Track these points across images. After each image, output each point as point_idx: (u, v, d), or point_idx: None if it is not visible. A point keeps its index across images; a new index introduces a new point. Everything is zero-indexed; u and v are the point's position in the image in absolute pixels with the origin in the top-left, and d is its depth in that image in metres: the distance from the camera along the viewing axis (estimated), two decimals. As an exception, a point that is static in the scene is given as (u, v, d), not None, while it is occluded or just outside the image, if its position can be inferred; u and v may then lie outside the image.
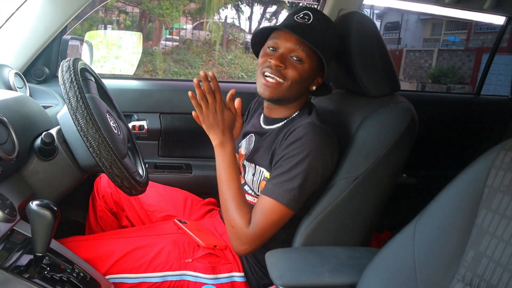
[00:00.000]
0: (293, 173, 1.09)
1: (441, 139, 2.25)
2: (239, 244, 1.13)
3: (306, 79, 1.17)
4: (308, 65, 1.15)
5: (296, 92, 1.19)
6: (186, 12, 9.24)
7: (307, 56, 1.14)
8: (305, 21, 1.15)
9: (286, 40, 1.15)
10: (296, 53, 1.14)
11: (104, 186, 1.50)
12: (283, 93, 1.17)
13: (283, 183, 1.10)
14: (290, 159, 1.10)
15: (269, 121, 1.28)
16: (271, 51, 1.17)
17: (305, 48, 1.13)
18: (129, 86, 1.89)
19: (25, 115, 1.20)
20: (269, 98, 1.18)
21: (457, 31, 11.00)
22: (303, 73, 1.15)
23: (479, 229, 0.79)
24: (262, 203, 1.12)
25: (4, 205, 0.97)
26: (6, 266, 0.87)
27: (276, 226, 1.12)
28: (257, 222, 1.10)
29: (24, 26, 1.52)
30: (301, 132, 1.11)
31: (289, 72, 1.14)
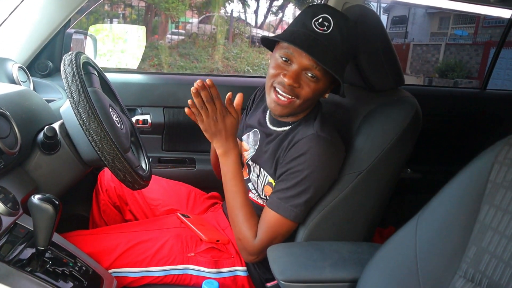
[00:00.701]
0: (298, 189, 1.09)
1: (446, 134, 2.23)
2: (246, 254, 1.16)
3: (320, 94, 1.13)
4: (323, 82, 1.10)
5: (309, 106, 1.17)
6: (192, 6, 9.21)
7: (323, 75, 1.07)
8: (324, 29, 1.05)
9: (302, 56, 1.06)
10: (312, 71, 1.07)
11: (107, 180, 1.50)
12: (295, 110, 1.13)
13: (289, 199, 1.10)
14: (295, 174, 1.09)
15: (275, 122, 1.24)
16: (284, 63, 1.09)
17: (322, 67, 1.05)
18: (132, 80, 1.89)
19: (28, 109, 1.20)
20: (280, 115, 1.15)
21: (465, 25, 10.88)
22: (317, 90, 1.10)
23: (481, 225, 0.78)
24: (268, 217, 1.13)
25: (7, 199, 0.97)
26: (9, 259, 0.87)
27: (282, 238, 1.14)
28: (263, 235, 1.12)
29: (28, 20, 1.52)
30: (305, 146, 1.09)
31: (303, 91, 1.09)
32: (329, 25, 1.05)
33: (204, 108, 1.08)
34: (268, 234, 1.12)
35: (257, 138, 1.30)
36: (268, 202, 1.14)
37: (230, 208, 1.17)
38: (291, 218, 1.11)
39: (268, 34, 9.64)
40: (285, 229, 1.13)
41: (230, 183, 1.16)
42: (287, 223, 1.12)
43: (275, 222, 1.12)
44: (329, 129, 1.14)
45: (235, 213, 1.16)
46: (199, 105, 1.07)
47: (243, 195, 1.16)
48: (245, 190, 1.17)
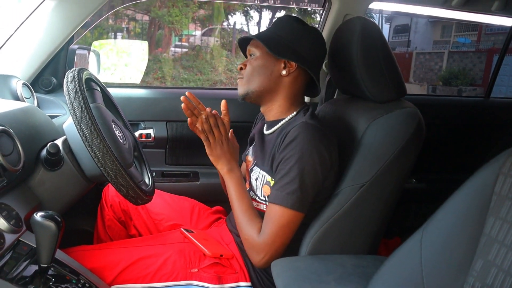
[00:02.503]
0: (291, 175, 1.10)
1: (450, 143, 2.22)
2: (254, 254, 1.15)
3: (261, 67, 1.24)
4: (259, 54, 1.25)
5: (260, 82, 1.25)
6: (195, 18, 9.30)
7: (255, 48, 1.25)
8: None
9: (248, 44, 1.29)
10: (250, 52, 1.27)
11: (112, 195, 1.50)
12: (246, 88, 1.26)
13: (284, 186, 1.11)
14: (286, 161, 1.11)
15: (269, 125, 1.31)
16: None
17: (254, 43, 1.26)
18: (135, 95, 1.90)
19: (31, 125, 1.21)
20: (241, 95, 1.28)
21: (468, 33, 10.91)
22: (256, 63, 1.25)
23: (487, 238, 0.77)
24: (270, 211, 1.14)
25: (10, 216, 0.97)
26: (12, 276, 0.87)
27: (287, 231, 1.12)
28: (266, 229, 1.12)
29: (31, 37, 1.54)
30: (294, 133, 1.13)
31: (247, 68, 1.26)
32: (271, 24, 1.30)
33: (211, 133, 1.21)
34: (271, 227, 1.12)
35: (255, 147, 1.34)
36: (269, 197, 1.15)
37: (236, 215, 1.21)
38: (288, 206, 1.10)
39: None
40: (286, 220, 1.11)
41: (235, 193, 1.21)
42: (287, 213, 1.11)
43: (275, 214, 1.12)
44: (320, 121, 1.20)
45: (240, 217, 1.19)
46: (207, 129, 1.21)
47: (247, 200, 1.21)
48: (249, 197, 1.23)
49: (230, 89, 2.49)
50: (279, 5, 8.42)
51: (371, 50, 1.23)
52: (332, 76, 1.42)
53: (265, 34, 1.26)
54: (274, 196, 1.13)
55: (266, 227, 1.13)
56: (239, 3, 9.22)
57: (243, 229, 1.17)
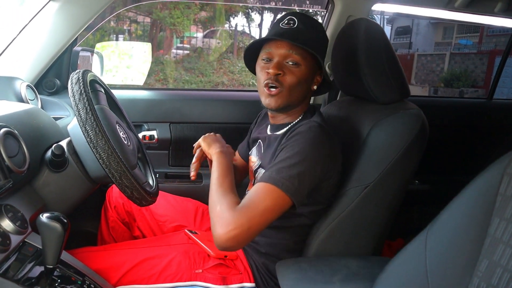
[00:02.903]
0: (291, 161, 1.04)
1: (453, 144, 2.22)
2: (220, 226, 0.97)
3: (305, 81, 1.18)
4: (305, 66, 1.16)
5: (299, 95, 1.20)
6: (196, 20, 9.32)
7: (302, 58, 1.15)
8: (291, 26, 1.16)
9: (278, 47, 1.16)
10: (291, 58, 1.15)
11: (116, 196, 1.51)
12: (287, 100, 1.17)
13: (280, 170, 1.03)
14: (288, 148, 1.08)
15: (274, 128, 1.29)
16: (266, 63, 1.18)
17: (299, 51, 1.15)
18: (139, 96, 1.91)
19: (36, 127, 1.21)
20: (276, 108, 1.18)
21: (469, 34, 10.90)
22: (301, 75, 1.16)
23: (492, 238, 0.77)
24: (257, 188, 1.03)
25: (16, 217, 0.97)
26: (18, 278, 0.88)
27: (268, 213, 0.99)
28: (246, 202, 1.00)
29: (35, 39, 1.55)
30: (301, 128, 1.13)
31: (288, 78, 1.15)
32: (294, 23, 1.17)
33: None
34: (253, 202, 1.00)
35: (260, 148, 1.32)
36: (259, 179, 1.07)
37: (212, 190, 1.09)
38: (283, 188, 1.00)
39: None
40: (274, 201, 1.00)
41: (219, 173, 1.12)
42: (277, 193, 1.00)
43: (263, 190, 1.01)
44: (327, 123, 1.19)
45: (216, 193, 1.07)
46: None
47: (230, 182, 1.11)
48: (233, 181, 1.12)
49: (232, 90, 2.49)
50: (280, 7, 8.42)
51: (375, 52, 1.23)
52: (336, 78, 1.42)
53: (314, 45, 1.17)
54: (267, 176, 1.04)
55: (247, 200, 1.00)
56: (240, 5, 9.23)
57: (216, 199, 1.04)
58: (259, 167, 1.28)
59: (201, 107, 1.89)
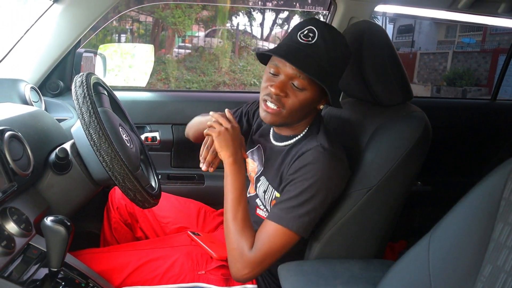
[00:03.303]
0: (301, 199, 1.06)
1: (456, 146, 2.22)
2: (239, 268, 1.07)
3: (308, 105, 1.12)
4: (311, 92, 1.09)
5: (300, 117, 1.15)
6: (198, 20, 9.32)
7: (308, 83, 1.07)
8: (309, 40, 1.06)
9: (286, 65, 1.08)
10: (296, 80, 1.07)
11: (118, 197, 1.51)
12: (284, 120, 1.13)
13: (290, 209, 1.06)
14: (298, 184, 1.07)
15: (278, 138, 1.24)
16: (272, 76, 1.11)
17: (307, 76, 1.06)
18: (141, 98, 1.91)
19: (40, 129, 1.22)
20: (271, 124, 1.15)
21: (472, 33, 10.86)
22: (304, 100, 1.09)
23: (496, 243, 0.77)
24: (267, 228, 1.08)
25: (20, 220, 0.98)
26: (23, 280, 0.89)
27: (281, 252, 1.08)
28: (261, 247, 1.06)
29: (39, 41, 1.55)
30: (310, 157, 1.08)
31: (289, 100, 1.09)
32: (313, 36, 1.06)
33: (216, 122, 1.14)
34: (266, 245, 1.06)
35: (261, 153, 1.30)
36: (269, 215, 1.10)
37: (228, 218, 1.12)
38: (293, 229, 1.05)
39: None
40: (285, 241, 1.06)
41: (235, 192, 1.13)
42: (288, 234, 1.06)
43: (275, 233, 1.06)
44: (333, 142, 1.14)
45: (233, 223, 1.10)
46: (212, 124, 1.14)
47: (245, 208, 1.13)
48: (246, 204, 1.15)
49: (235, 92, 2.49)
50: (283, 8, 8.42)
51: (378, 54, 1.23)
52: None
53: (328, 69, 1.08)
54: (277, 216, 1.07)
55: (261, 244, 1.06)
56: (242, 5, 9.23)
57: (233, 237, 1.09)
58: (261, 175, 1.27)
59: (203, 108, 1.89)
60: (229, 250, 1.11)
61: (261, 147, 1.31)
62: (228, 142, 1.12)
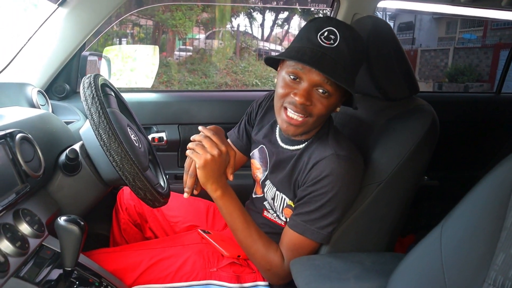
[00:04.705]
0: (324, 211, 1.08)
1: (462, 140, 2.22)
2: (278, 280, 1.16)
3: (332, 110, 1.10)
4: (335, 97, 1.06)
5: (323, 122, 1.14)
6: (199, 22, 9.34)
7: (335, 89, 1.03)
8: (331, 43, 1.00)
9: (311, 72, 1.02)
10: (323, 87, 1.03)
11: (127, 198, 1.52)
12: (309, 128, 1.10)
13: (314, 221, 1.09)
14: (319, 196, 1.07)
15: (287, 141, 1.21)
16: (292, 82, 1.05)
17: (334, 82, 1.01)
18: (147, 99, 1.92)
19: (49, 132, 1.23)
20: (294, 135, 1.12)
21: (473, 28, 10.84)
22: (330, 105, 1.06)
23: (508, 232, 0.77)
24: (294, 240, 1.12)
25: (33, 221, 0.99)
26: (38, 281, 0.89)
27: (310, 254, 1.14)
28: (291, 258, 1.11)
29: (45, 45, 1.57)
30: (328, 168, 1.06)
31: (316, 108, 1.05)
32: (335, 38, 1.01)
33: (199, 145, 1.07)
34: (295, 255, 1.11)
35: (264, 155, 1.28)
36: (291, 224, 1.12)
37: (246, 245, 1.14)
38: (318, 241, 1.10)
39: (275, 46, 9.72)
40: (311, 250, 1.13)
41: (239, 220, 1.13)
42: (314, 245, 1.12)
43: (301, 244, 1.11)
44: (347, 145, 1.12)
45: (253, 248, 1.13)
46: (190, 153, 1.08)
47: (254, 227, 1.15)
48: (253, 222, 1.16)
49: (240, 90, 2.50)
50: (284, 6, 8.42)
51: (384, 49, 1.24)
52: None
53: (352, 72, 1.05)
54: (302, 228, 1.10)
55: (291, 255, 1.11)
56: (242, 5, 9.24)
57: (263, 260, 1.13)
58: (266, 179, 1.26)
59: (209, 108, 1.90)
60: (263, 270, 1.16)
61: (264, 148, 1.29)
62: (214, 173, 1.05)
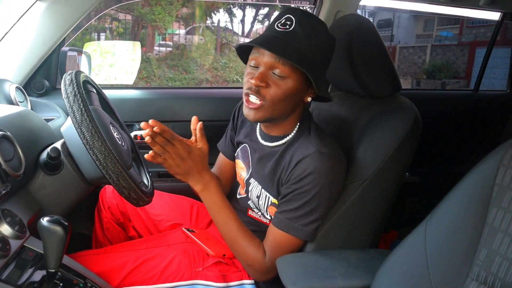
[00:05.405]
0: (308, 208, 1.09)
1: (442, 136, 2.26)
2: (260, 276, 1.17)
3: (292, 95, 1.07)
4: (294, 79, 1.05)
5: (285, 110, 1.11)
6: (178, 17, 9.25)
7: (290, 71, 1.04)
8: (286, 28, 1.04)
9: (264, 55, 1.05)
10: (277, 69, 1.04)
11: (109, 197, 1.50)
12: (269, 114, 1.09)
13: (298, 218, 1.09)
14: (303, 194, 1.08)
15: (267, 138, 1.22)
16: (252, 69, 1.08)
17: (287, 62, 1.02)
18: (129, 96, 1.89)
19: (29, 129, 1.19)
20: (254, 120, 1.11)
21: (450, 26, 11.06)
22: (288, 89, 1.05)
23: (490, 228, 0.79)
24: (278, 237, 1.12)
25: (14, 222, 0.96)
26: (21, 283, 0.87)
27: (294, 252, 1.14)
28: (273, 254, 1.11)
29: (23, 39, 1.52)
30: (311, 166, 1.06)
31: (271, 91, 1.05)
32: (291, 24, 1.04)
33: (166, 152, 1.06)
34: (278, 252, 1.11)
35: (247, 153, 1.29)
36: (275, 222, 1.12)
37: (228, 239, 1.17)
38: (302, 238, 1.11)
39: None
40: (295, 247, 1.13)
41: (219, 215, 1.15)
42: (298, 242, 1.12)
43: (285, 242, 1.12)
44: (329, 143, 1.13)
45: (236, 243, 1.15)
46: (160, 151, 1.06)
47: (237, 221, 1.16)
48: (236, 216, 1.17)
49: (224, 88, 2.49)
50: (265, 3, 8.41)
51: (367, 47, 1.25)
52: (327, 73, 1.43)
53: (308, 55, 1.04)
54: (286, 225, 1.10)
55: (274, 252, 1.12)
56: (222, 1, 9.20)
57: (244, 253, 1.15)
58: (250, 178, 1.26)
59: (192, 105, 1.89)
60: (245, 265, 1.18)
61: (247, 147, 1.29)
62: (189, 170, 1.09)
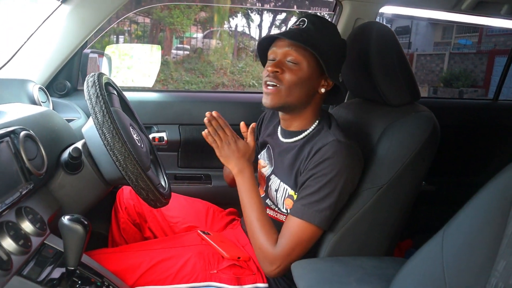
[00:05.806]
0: (322, 193, 1.10)
1: (460, 146, 2.24)
2: (267, 265, 1.14)
3: (306, 81, 1.16)
4: (306, 66, 1.15)
5: (299, 96, 1.17)
6: (197, 20, 9.33)
7: (302, 57, 1.14)
8: (300, 26, 1.17)
9: (280, 46, 1.17)
10: (290, 56, 1.15)
11: (126, 197, 1.52)
12: (284, 99, 1.16)
13: (313, 203, 1.10)
14: (319, 178, 1.10)
15: (287, 134, 1.27)
16: (270, 62, 1.19)
17: (299, 49, 1.14)
18: (148, 98, 1.92)
19: (51, 129, 1.22)
20: (271, 106, 1.18)
21: (469, 34, 10.93)
22: (302, 75, 1.15)
23: (509, 239, 0.78)
24: (291, 224, 1.12)
25: (35, 219, 0.99)
26: (40, 279, 0.89)
27: (306, 245, 1.13)
28: (284, 242, 1.12)
29: (47, 42, 1.56)
30: (329, 151, 1.11)
31: (286, 76, 1.15)
32: (304, 24, 1.17)
33: (217, 135, 1.21)
34: (290, 240, 1.11)
35: (270, 152, 1.32)
36: (292, 210, 1.14)
37: (248, 221, 1.19)
38: (316, 223, 1.10)
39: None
40: (309, 235, 1.12)
41: (246, 195, 1.20)
42: (311, 228, 1.11)
43: (298, 228, 1.11)
44: (348, 136, 1.17)
45: (253, 225, 1.17)
46: (212, 132, 1.21)
47: (260, 207, 1.19)
48: (261, 203, 1.21)
49: (242, 92, 2.49)
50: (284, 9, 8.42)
51: (387, 55, 1.25)
52: (345, 80, 1.44)
53: (319, 45, 1.14)
54: (299, 211, 1.12)
55: (285, 239, 1.12)
56: (241, 6, 9.24)
57: (257, 237, 1.16)
58: (271, 174, 1.29)
59: (210, 109, 1.89)
60: (255, 249, 1.18)
61: (270, 146, 1.33)
62: (232, 154, 1.21)
